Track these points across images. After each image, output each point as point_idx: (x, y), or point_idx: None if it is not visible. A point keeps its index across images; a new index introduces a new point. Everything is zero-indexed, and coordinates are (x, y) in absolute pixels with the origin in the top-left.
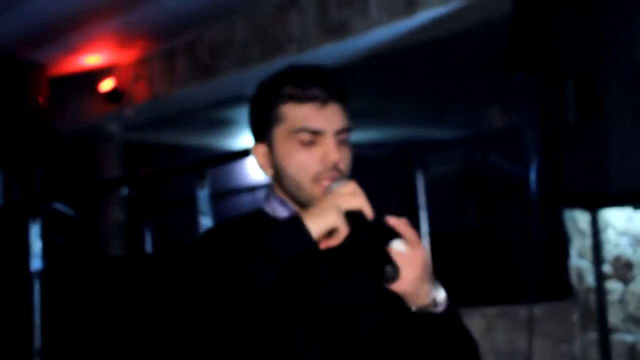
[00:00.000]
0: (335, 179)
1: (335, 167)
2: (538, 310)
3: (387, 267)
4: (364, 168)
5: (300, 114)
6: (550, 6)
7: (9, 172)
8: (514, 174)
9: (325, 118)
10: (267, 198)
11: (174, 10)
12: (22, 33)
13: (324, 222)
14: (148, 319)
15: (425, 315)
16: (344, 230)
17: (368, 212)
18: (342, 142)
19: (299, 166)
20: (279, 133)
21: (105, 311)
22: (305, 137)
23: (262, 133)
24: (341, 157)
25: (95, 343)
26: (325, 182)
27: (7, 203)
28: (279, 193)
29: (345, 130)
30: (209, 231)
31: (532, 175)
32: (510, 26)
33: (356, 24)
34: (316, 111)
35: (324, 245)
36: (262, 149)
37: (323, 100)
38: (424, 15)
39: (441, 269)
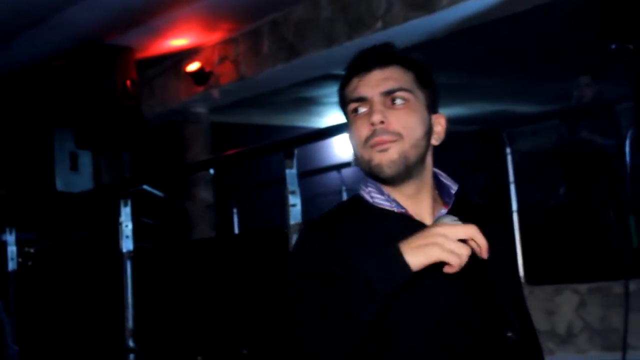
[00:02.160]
0: (385, 143)
1: (383, 130)
2: (634, 286)
3: (509, 333)
4: (451, 144)
5: (349, 89)
6: None
7: (98, 157)
8: (606, 146)
9: (368, 84)
10: (362, 181)
11: None
12: (109, 19)
13: (425, 257)
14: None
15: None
16: (454, 262)
17: (481, 252)
18: (395, 104)
19: (354, 136)
20: (347, 113)
21: (195, 292)
22: (354, 106)
23: (346, 118)
24: (391, 118)
25: (185, 323)
26: (374, 146)
27: (97, 186)
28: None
29: (399, 90)
30: (310, 228)
31: (626, 147)
32: None
33: None
34: (359, 81)
35: (415, 214)
36: (349, 131)
37: (366, 69)
38: None
39: (532, 245)
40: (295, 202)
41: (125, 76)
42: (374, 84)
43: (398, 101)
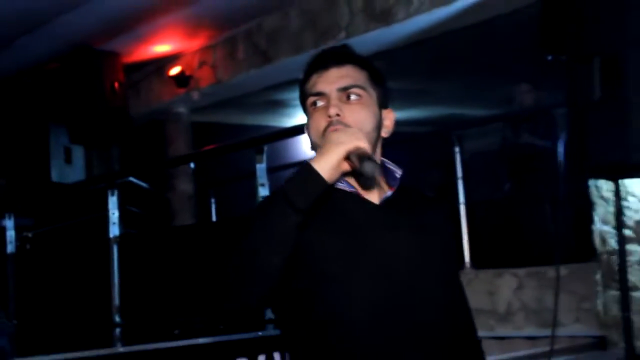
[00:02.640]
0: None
1: (338, 121)
2: (564, 270)
3: (365, 163)
4: (406, 145)
5: (309, 85)
6: None
7: (90, 151)
8: (543, 148)
9: (326, 80)
10: None
11: (235, 1)
12: (98, 25)
13: (328, 160)
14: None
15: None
16: (348, 148)
17: (366, 148)
18: (349, 99)
19: (312, 127)
20: (306, 107)
21: (175, 273)
22: (312, 100)
23: (304, 112)
24: (345, 112)
25: (166, 301)
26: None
27: (88, 177)
28: None
29: (354, 87)
30: (266, 198)
31: (560, 149)
32: (541, 11)
33: (400, 12)
34: (318, 77)
35: (365, 194)
36: (307, 125)
37: (324, 67)
38: (461, 3)
39: (478, 234)
40: (264, 193)
41: (113, 78)
42: (331, 80)
43: (352, 97)
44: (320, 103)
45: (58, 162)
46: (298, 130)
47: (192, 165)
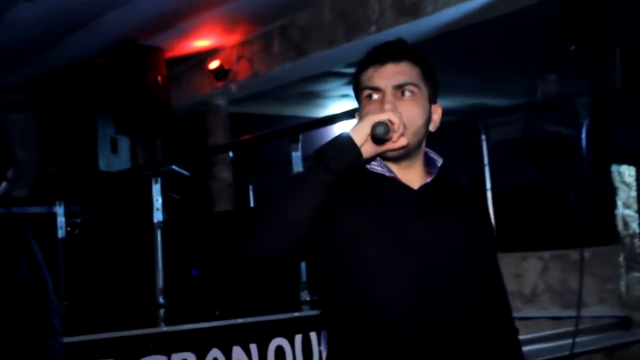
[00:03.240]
0: None
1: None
2: (588, 253)
3: (376, 126)
4: (435, 133)
5: (365, 77)
6: None
7: (135, 141)
8: (567, 135)
9: (382, 76)
10: None
11: None
12: (142, 22)
13: (360, 128)
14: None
15: None
16: (384, 117)
17: (395, 120)
18: (404, 95)
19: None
20: (360, 98)
21: (215, 257)
22: (368, 93)
23: (357, 101)
24: (400, 107)
25: (207, 283)
26: None
27: (133, 166)
28: None
29: (408, 85)
30: None
31: (584, 136)
32: (563, 2)
33: (427, 6)
34: (374, 71)
35: (404, 180)
36: (358, 114)
37: (381, 62)
38: None
39: (504, 218)
40: None
41: (156, 72)
42: (387, 75)
43: (407, 93)
44: (375, 96)
45: (105, 152)
46: (331, 119)
47: (230, 154)
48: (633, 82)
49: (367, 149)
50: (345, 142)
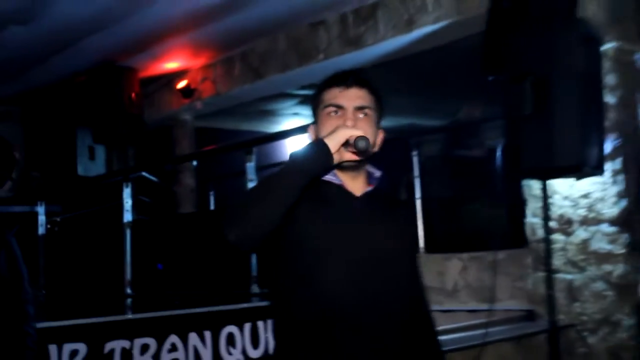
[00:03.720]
0: None
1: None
2: (501, 255)
3: (358, 140)
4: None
5: (330, 95)
6: (514, 26)
7: (111, 150)
8: (485, 153)
9: (346, 97)
10: None
11: (233, 27)
12: (120, 45)
13: (335, 138)
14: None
15: None
16: (354, 133)
17: (371, 137)
18: (361, 117)
19: (326, 130)
20: (320, 112)
21: (178, 253)
22: (331, 109)
23: (313, 116)
24: (357, 125)
25: (170, 276)
26: None
27: (107, 172)
28: None
29: (366, 108)
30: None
31: (498, 154)
32: (484, 39)
33: (368, 38)
34: (340, 92)
35: (349, 187)
36: (312, 127)
37: (346, 85)
38: (419, 32)
39: (430, 224)
40: None
41: (131, 90)
42: (351, 98)
43: (362, 115)
44: (336, 113)
45: (83, 159)
46: (281, 135)
47: (194, 163)
48: (540, 109)
49: (335, 156)
50: (322, 149)
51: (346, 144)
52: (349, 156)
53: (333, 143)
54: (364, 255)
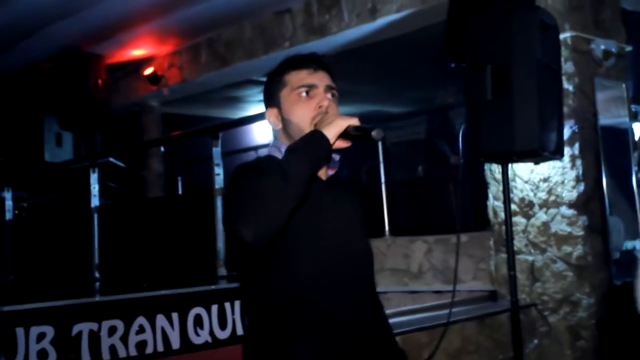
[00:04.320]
0: None
1: (326, 112)
2: (464, 238)
3: (375, 130)
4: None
5: (299, 77)
6: (474, 15)
7: (78, 136)
8: (448, 138)
9: (316, 77)
10: (274, 146)
11: (199, 15)
12: (86, 32)
13: (334, 130)
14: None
15: None
16: (351, 122)
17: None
18: (330, 97)
19: (301, 114)
20: (284, 94)
21: (146, 237)
22: (303, 90)
23: (272, 99)
24: (331, 106)
25: (137, 260)
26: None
27: (75, 157)
28: (284, 141)
29: (334, 89)
30: (244, 163)
31: (460, 139)
32: (445, 28)
33: (332, 27)
34: (309, 74)
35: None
36: (273, 111)
37: (315, 68)
38: (382, 21)
39: (396, 208)
40: (219, 172)
41: (97, 76)
42: (321, 78)
43: (331, 96)
44: (309, 93)
45: (50, 145)
46: (246, 120)
47: (162, 148)
48: (500, 95)
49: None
50: (323, 140)
51: (343, 133)
52: (339, 143)
53: (332, 133)
54: (335, 238)
